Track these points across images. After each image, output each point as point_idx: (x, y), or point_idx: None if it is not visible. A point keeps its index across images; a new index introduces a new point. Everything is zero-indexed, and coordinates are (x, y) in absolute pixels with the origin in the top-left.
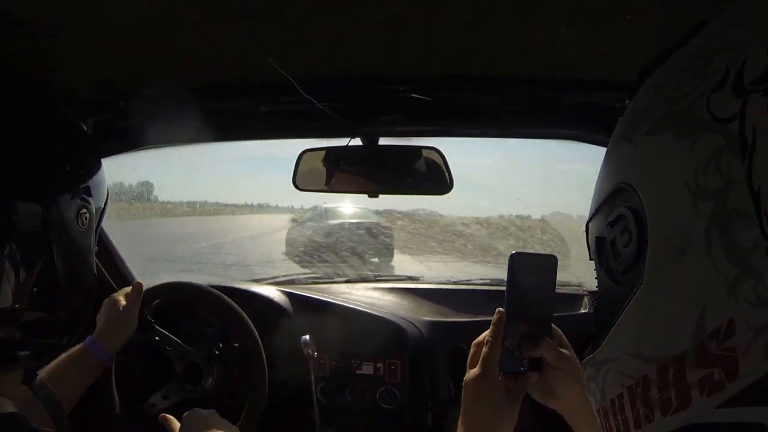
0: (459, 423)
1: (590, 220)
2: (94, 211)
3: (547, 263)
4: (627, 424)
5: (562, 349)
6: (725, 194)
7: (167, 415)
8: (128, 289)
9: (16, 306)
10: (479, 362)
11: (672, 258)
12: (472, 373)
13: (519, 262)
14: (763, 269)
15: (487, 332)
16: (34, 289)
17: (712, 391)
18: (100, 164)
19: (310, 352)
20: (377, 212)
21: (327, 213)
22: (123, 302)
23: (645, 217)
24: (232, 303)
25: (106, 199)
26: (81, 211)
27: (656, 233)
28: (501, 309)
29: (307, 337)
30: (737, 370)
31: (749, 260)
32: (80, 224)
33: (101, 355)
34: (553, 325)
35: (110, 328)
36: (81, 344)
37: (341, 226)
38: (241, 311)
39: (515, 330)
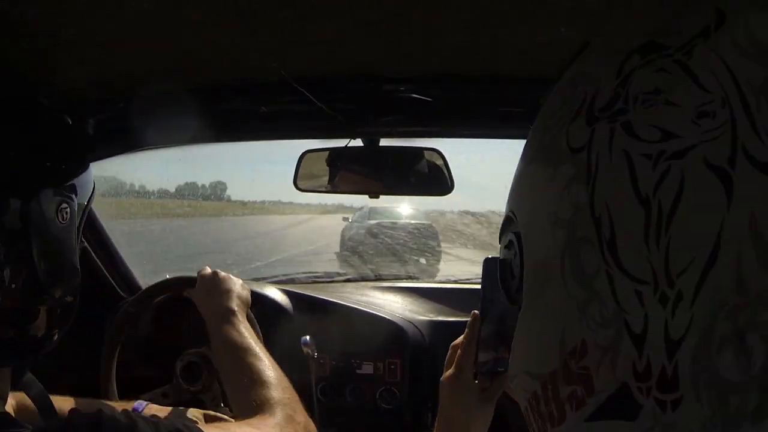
0: (436, 423)
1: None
2: (75, 207)
3: None
4: (531, 423)
5: None
6: (574, 222)
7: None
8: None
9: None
10: (454, 363)
11: (540, 282)
12: (447, 374)
13: (489, 266)
14: (605, 292)
15: (463, 335)
16: (13, 285)
17: (578, 407)
18: (84, 160)
19: (310, 352)
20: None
21: (372, 212)
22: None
23: (521, 244)
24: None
25: (91, 196)
26: (62, 206)
27: (529, 259)
28: (476, 311)
29: (308, 337)
30: (593, 386)
31: (594, 284)
32: (60, 219)
33: None
34: None
35: None
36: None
37: (393, 226)
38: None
39: (491, 330)
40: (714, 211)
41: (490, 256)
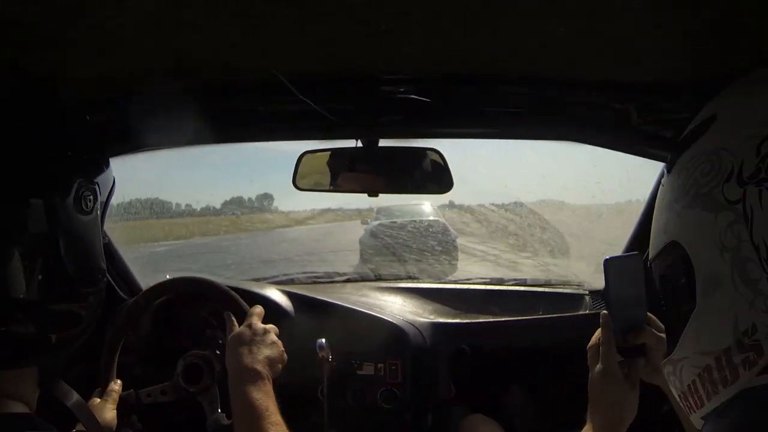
0: (588, 421)
1: (653, 261)
2: (99, 197)
3: (634, 262)
4: (702, 399)
5: (658, 333)
6: (738, 248)
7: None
8: (115, 386)
9: (22, 298)
10: (600, 361)
11: (711, 288)
12: (596, 371)
13: (611, 266)
14: (766, 290)
15: (596, 334)
16: (40, 279)
17: (751, 367)
18: (102, 154)
19: (325, 355)
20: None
21: (382, 212)
22: (112, 411)
23: (691, 262)
24: (243, 302)
25: (110, 191)
26: (84, 194)
27: (700, 273)
28: (605, 312)
29: (323, 340)
30: (762, 351)
31: (758, 285)
32: (84, 207)
33: None
34: (648, 314)
35: None
36: None
37: (402, 225)
38: (226, 288)
39: (619, 324)
40: None
41: (608, 257)
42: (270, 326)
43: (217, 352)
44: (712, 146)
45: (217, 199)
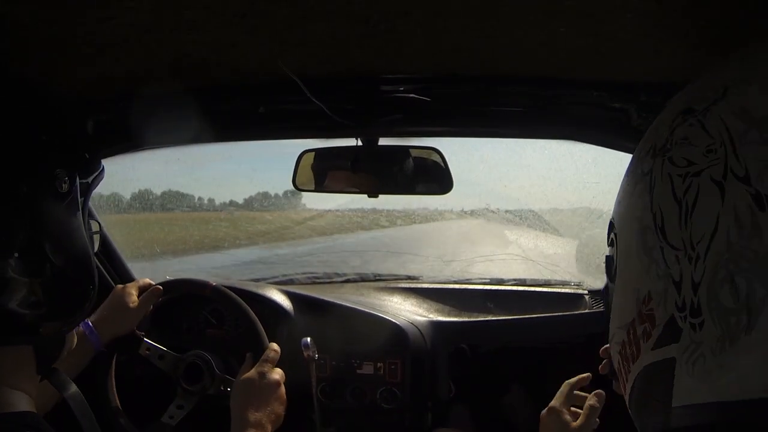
0: None
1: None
2: (76, 179)
3: None
4: (622, 376)
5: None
6: (642, 217)
7: None
8: (144, 281)
9: (8, 282)
10: (557, 395)
11: (624, 260)
12: (550, 404)
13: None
14: (659, 258)
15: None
16: (16, 254)
17: (647, 339)
18: (87, 146)
19: (311, 354)
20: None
21: None
22: (134, 297)
23: (617, 239)
24: (244, 305)
25: (96, 177)
26: (57, 174)
27: (620, 247)
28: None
29: (308, 339)
30: (655, 320)
31: (653, 253)
32: (59, 188)
33: (95, 342)
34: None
35: (110, 317)
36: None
37: None
38: (253, 315)
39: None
40: (715, 205)
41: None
42: (279, 374)
43: (218, 352)
44: (652, 125)
45: (239, 195)
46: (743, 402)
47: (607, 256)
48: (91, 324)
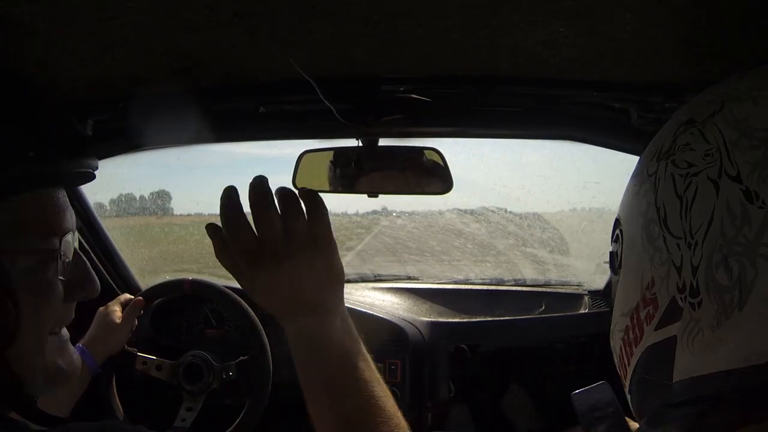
0: None
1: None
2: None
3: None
4: (623, 361)
5: None
6: (647, 212)
7: None
8: (125, 297)
9: None
10: None
11: (629, 252)
12: None
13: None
14: (662, 246)
15: None
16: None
17: (650, 321)
18: (82, 132)
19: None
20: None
21: None
22: (118, 313)
23: (623, 234)
24: (245, 304)
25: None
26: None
27: (625, 240)
28: None
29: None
30: (658, 303)
31: (656, 242)
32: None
33: (90, 364)
34: None
35: (100, 337)
36: None
37: None
38: (254, 314)
39: None
40: (711, 199)
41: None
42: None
43: (217, 352)
44: (659, 133)
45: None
46: (739, 370)
47: (611, 252)
48: (82, 346)
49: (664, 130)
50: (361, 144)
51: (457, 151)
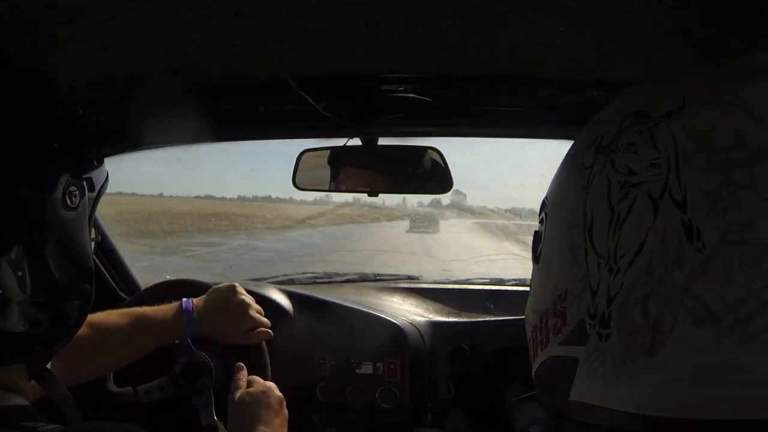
0: None
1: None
2: (86, 194)
3: None
4: (531, 352)
5: None
6: (574, 212)
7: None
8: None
9: (2, 294)
10: None
11: (549, 247)
12: None
13: None
14: (582, 259)
15: None
16: (19, 273)
17: (557, 333)
18: (95, 150)
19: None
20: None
21: None
22: (248, 300)
23: (546, 220)
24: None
25: (101, 189)
26: (70, 190)
27: (548, 231)
28: None
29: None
30: (566, 319)
31: (577, 254)
32: (69, 203)
33: (191, 326)
34: None
35: (217, 312)
36: (175, 302)
37: None
38: None
39: None
40: (646, 223)
41: None
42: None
43: (217, 352)
44: (599, 116)
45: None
46: (628, 414)
47: (535, 232)
48: (193, 307)
49: (611, 113)
50: (360, 143)
51: (457, 151)
